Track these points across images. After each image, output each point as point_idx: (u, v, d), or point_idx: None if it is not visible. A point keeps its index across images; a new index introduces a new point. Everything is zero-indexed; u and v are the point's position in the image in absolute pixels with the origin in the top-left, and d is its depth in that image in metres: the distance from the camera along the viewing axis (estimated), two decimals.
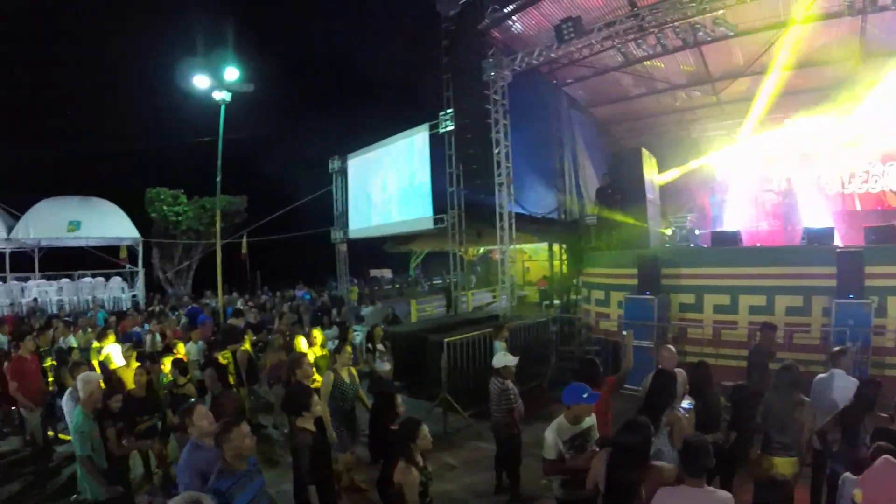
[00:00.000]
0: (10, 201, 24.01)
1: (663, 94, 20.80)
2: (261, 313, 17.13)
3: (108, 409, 6.71)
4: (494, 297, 21.35)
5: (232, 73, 17.53)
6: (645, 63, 18.52)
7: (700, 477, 4.02)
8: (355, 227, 24.47)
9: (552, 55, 15.99)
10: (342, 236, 25.10)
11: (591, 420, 5.49)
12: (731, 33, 14.56)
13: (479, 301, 22.24)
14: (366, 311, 18.02)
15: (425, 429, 4.77)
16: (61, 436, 10.11)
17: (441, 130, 18.45)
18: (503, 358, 7.67)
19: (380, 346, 10.74)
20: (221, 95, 17.68)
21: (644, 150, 16.48)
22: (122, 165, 34.73)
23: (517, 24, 17.31)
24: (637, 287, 13.16)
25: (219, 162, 18.52)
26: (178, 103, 22.56)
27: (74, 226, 25.69)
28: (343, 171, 25.08)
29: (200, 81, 17.42)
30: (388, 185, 22.03)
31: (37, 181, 28.25)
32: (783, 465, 5.73)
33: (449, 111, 18.21)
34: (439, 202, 19.09)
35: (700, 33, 14.53)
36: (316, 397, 5.97)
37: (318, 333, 10.95)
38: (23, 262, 27.50)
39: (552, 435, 5.26)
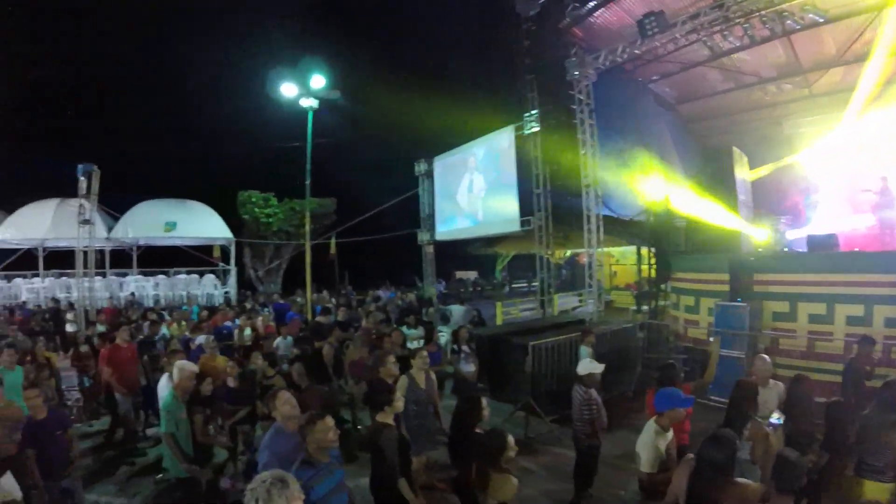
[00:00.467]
0: (111, 203, 25.33)
1: (752, 89, 19.95)
2: (348, 311, 17.40)
3: (198, 396, 7.12)
4: (581, 300, 21.08)
5: (318, 81, 17.91)
6: (732, 56, 17.84)
7: (789, 496, 3.85)
8: (442, 228, 24.64)
9: (636, 51, 15.69)
10: (429, 238, 25.32)
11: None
12: (822, 20, 13.59)
13: (565, 305, 21.99)
14: (452, 310, 18.07)
15: (512, 440, 4.70)
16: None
17: (526, 132, 18.36)
18: (589, 365, 7.43)
19: (465, 348, 10.82)
20: (309, 103, 18.09)
21: (735, 149, 15.84)
22: (216, 169, 36.18)
23: (598, 21, 17.01)
24: (728, 293, 12.68)
25: (307, 166, 19.01)
26: (269, 109, 23.24)
27: (170, 226, 26.96)
28: (429, 174, 25.28)
29: (288, 90, 17.88)
30: (474, 186, 22.04)
31: (135, 185, 29.71)
32: (876, 491, 5.35)
33: (534, 112, 18.13)
34: (525, 204, 18.98)
35: (788, 21, 13.66)
36: (398, 393, 6.20)
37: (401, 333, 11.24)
38: (122, 259, 29.71)
39: (652, 445, 5.13)
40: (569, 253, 28.64)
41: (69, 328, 16.01)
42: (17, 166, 32.94)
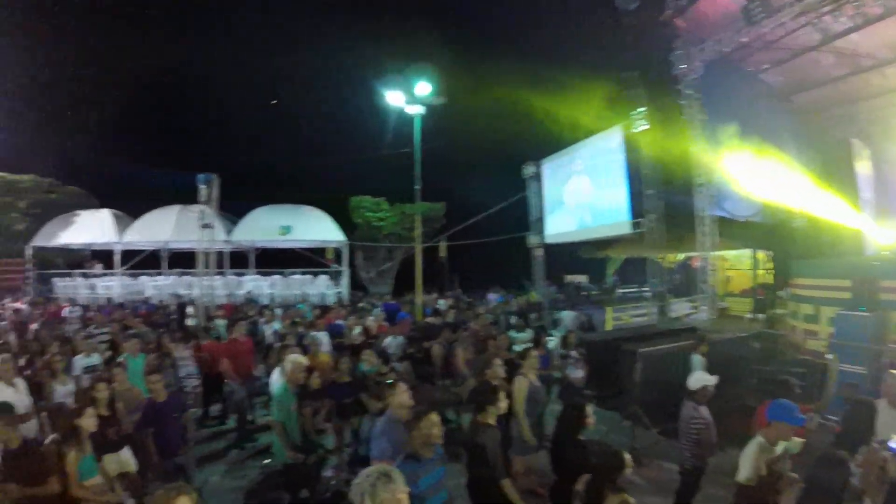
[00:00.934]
0: (230, 208, 26.81)
1: (870, 73, 18.22)
2: (457, 314, 17.51)
3: (308, 388, 7.61)
4: (694, 307, 20.34)
5: (424, 88, 18.15)
6: (845, 38, 16.34)
7: None
8: (551, 231, 24.65)
9: (742, 39, 15.00)
10: (538, 241, 25.21)
11: (792, 447, 5.07)
12: None
13: (678, 311, 21.29)
14: (562, 315, 17.87)
15: (629, 459, 4.65)
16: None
17: (634, 130, 17.92)
18: (701, 377, 6.97)
19: (573, 353, 10.70)
20: (416, 110, 18.36)
21: (855, 141, 14.71)
22: (329, 176, 37.46)
23: (702, 10, 16.30)
24: (850, 301, 11.76)
25: (417, 170, 19.40)
26: (378, 116, 23.86)
27: (285, 230, 28.14)
28: (537, 176, 25.14)
29: (395, 98, 18.22)
30: (583, 188, 21.78)
31: (252, 191, 31.20)
32: None
33: (641, 110, 17.68)
34: (636, 205, 18.53)
35: None
36: (520, 396, 6.51)
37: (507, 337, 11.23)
38: (241, 260, 31.96)
39: (754, 458, 4.87)
40: (682, 256, 27.69)
41: (189, 322, 16.89)
42: (142, 176, 35.68)
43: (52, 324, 15.73)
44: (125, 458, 6.92)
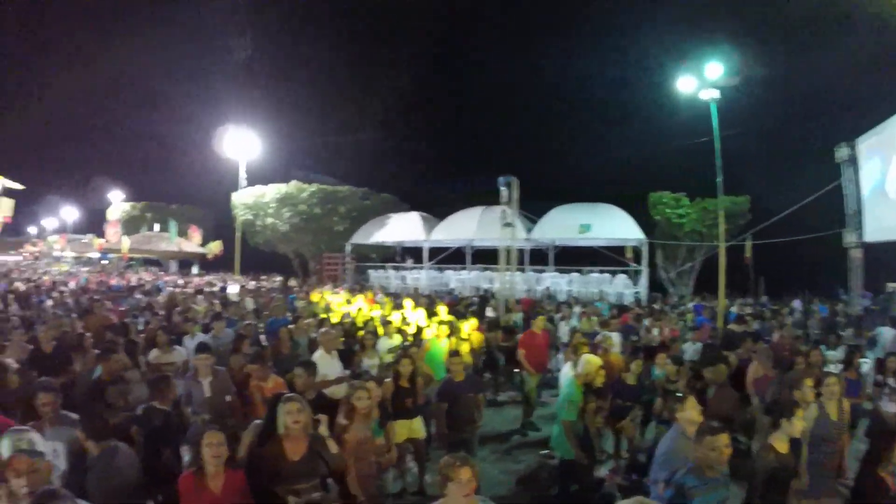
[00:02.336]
0: (529, 207, 28.15)
1: None
2: (760, 322, 16.57)
3: (593, 387, 7.72)
4: None
5: (715, 70, 17.53)
6: None
7: None
8: (872, 227, 21.04)
9: None
10: (856, 239, 21.91)
11: None
12: None
13: None
14: (880, 332, 15.61)
15: None
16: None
17: None
18: None
19: (891, 381, 8.92)
20: (710, 94, 17.81)
21: None
22: (627, 172, 37.46)
23: None
24: None
25: (717, 161, 18.78)
26: (672, 105, 23.28)
27: (585, 228, 28.65)
28: (853, 159, 21.95)
29: (686, 84, 17.82)
30: None
31: (551, 190, 32.37)
32: None
33: None
34: None
35: None
36: (801, 413, 5.55)
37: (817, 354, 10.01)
38: (540, 257, 33.76)
39: None
40: None
41: (489, 313, 18.00)
42: (447, 182, 39.08)
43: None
44: (416, 427, 8.02)
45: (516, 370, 12.88)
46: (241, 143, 36.50)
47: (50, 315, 13.37)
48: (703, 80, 18.12)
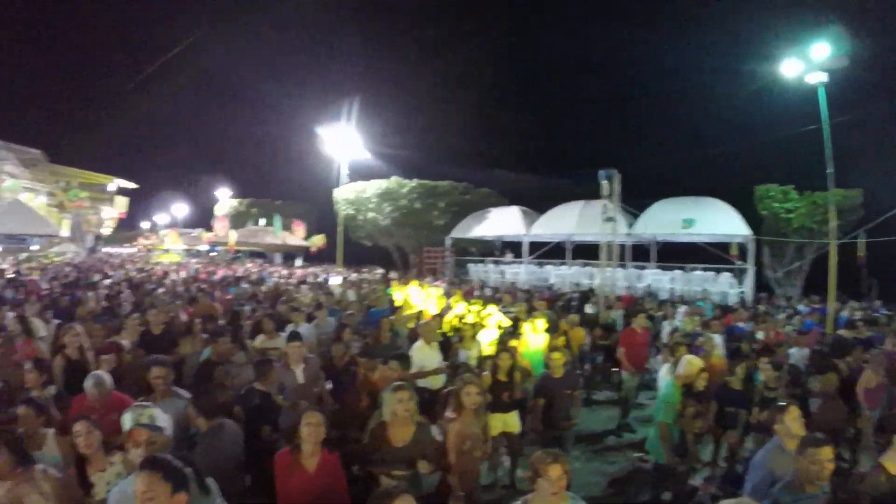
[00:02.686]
0: (631, 202, 27.28)
1: None
2: (873, 328, 15.81)
3: (693, 389, 7.69)
4: None
5: (822, 51, 16.90)
6: None
7: None
8: None
9: None
10: None
11: None
12: None
13: None
14: None
15: None
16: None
17: None
18: None
19: None
20: (817, 78, 17.20)
21: None
22: (732, 164, 36.46)
23: None
24: None
25: (827, 151, 18.14)
26: (777, 91, 22.46)
27: (688, 223, 27.90)
28: None
29: (790, 67, 17.21)
30: None
31: (653, 184, 31.94)
32: None
33: None
34: None
35: None
36: None
37: None
38: (641, 253, 33.18)
39: None
40: None
41: (588, 310, 17.98)
42: (548, 177, 39.15)
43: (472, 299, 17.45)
44: (512, 421, 8.13)
45: (615, 369, 13.00)
46: (342, 141, 37.79)
47: (160, 302, 14.24)
48: (809, 62, 17.47)
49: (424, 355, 8.93)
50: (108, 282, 21.84)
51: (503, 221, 34.24)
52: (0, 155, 51.69)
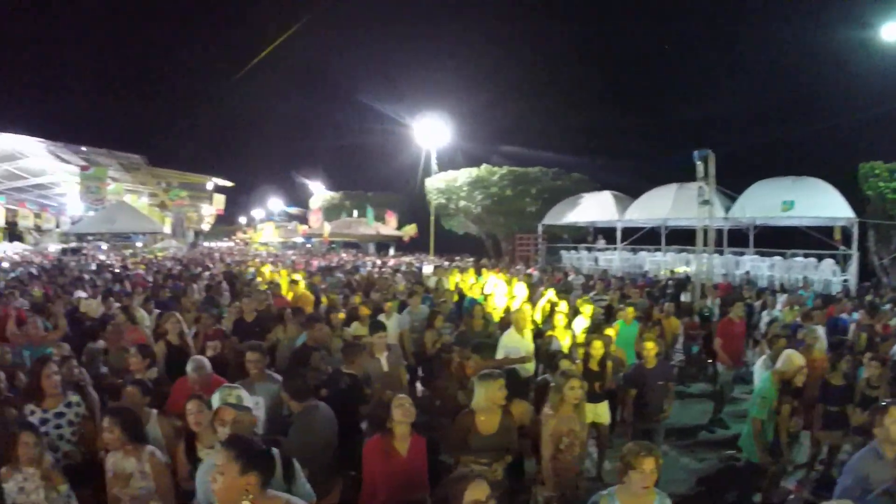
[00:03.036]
0: (728, 184, 26.52)
1: None
2: None
3: (790, 385, 7.23)
4: None
5: None
6: None
7: None
8: None
9: None
10: None
11: None
12: None
13: None
14: None
15: None
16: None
17: None
18: None
19: None
20: None
21: None
22: (834, 142, 35.01)
23: None
24: None
25: None
26: (879, 60, 21.36)
27: (788, 205, 26.62)
28: None
29: (893, 31, 16.47)
30: None
31: (751, 165, 30.97)
32: None
33: None
34: None
35: None
36: None
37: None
38: (738, 238, 31.78)
39: None
40: None
41: (684, 298, 17.82)
42: (640, 159, 38.68)
43: (558, 287, 17.34)
44: (602, 411, 8.14)
45: (710, 360, 12.76)
46: (431, 131, 38.34)
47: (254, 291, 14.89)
48: None
49: (516, 342, 8.97)
50: (208, 274, 23.10)
51: (595, 207, 33.81)
52: (104, 162, 55.09)
